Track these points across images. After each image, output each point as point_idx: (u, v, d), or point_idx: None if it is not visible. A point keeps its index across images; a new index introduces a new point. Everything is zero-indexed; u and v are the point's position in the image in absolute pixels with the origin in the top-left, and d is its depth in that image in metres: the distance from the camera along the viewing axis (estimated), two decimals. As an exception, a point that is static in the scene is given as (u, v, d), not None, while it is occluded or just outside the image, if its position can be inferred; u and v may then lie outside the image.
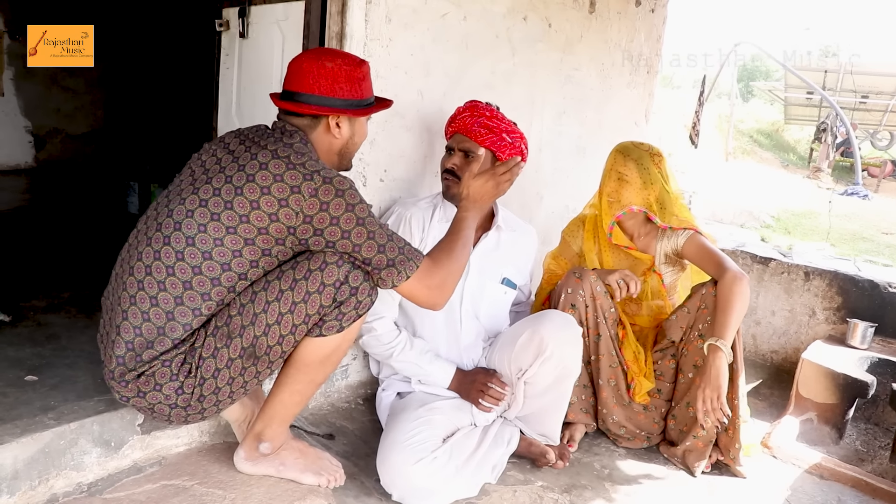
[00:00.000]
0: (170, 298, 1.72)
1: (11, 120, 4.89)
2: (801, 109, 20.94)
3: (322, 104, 1.84)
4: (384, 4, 2.43)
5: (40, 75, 4.99)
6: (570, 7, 3.28)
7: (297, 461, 1.99)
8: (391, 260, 1.76)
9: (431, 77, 2.66)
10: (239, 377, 1.80)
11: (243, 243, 1.71)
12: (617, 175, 2.64)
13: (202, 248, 1.70)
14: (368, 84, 1.93)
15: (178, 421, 1.85)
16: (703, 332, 2.42)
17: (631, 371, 2.50)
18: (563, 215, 3.53)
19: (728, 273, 2.40)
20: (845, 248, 6.69)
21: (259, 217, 1.69)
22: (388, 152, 2.58)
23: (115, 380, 1.76)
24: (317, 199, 1.68)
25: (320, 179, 1.69)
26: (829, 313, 3.67)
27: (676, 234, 2.63)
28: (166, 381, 1.75)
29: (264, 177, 1.69)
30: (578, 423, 2.53)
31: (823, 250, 5.26)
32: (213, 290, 1.73)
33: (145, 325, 1.72)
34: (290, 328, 1.75)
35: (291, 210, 1.68)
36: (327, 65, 1.83)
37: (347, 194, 1.71)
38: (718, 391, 2.26)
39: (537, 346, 2.19)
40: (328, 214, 1.69)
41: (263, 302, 1.74)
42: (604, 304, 2.47)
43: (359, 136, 1.97)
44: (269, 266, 1.77)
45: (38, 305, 2.86)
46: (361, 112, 1.91)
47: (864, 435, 3.10)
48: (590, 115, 3.62)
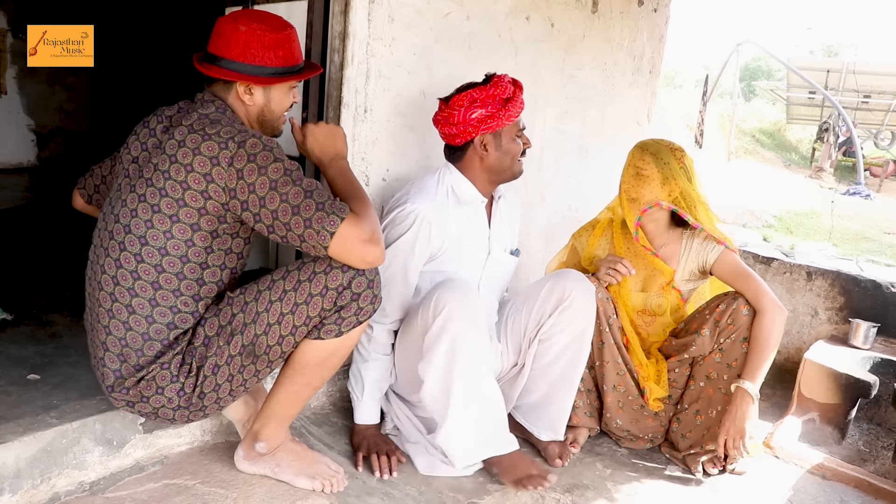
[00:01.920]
0: (144, 302, 1.72)
1: (14, 118, 4.91)
2: (803, 109, 20.95)
3: (231, 69, 1.79)
4: (387, 4, 2.43)
5: (43, 74, 5.00)
6: (572, 7, 3.28)
7: (292, 463, 1.97)
8: (308, 220, 1.63)
9: (434, 77, 2.66)
10: (238, 375, 1.80)
11: (190, 230, 1.69)
12: (635, 170, 2.51)
13: (156, 244, 1.69)
14: (287, 51, 1.84)
15: (181, 421, 1.86)
16: (724, 347, 2.39)
17: (640, 377, 2.47)
18: (565, 215, 3.53)
19: (769, 305, 2.33)
20: (847, 248, 6.68)
21: (193, 197, 1.67)
22: (390, 151, 2.58)
23: (115, 392, 1.78)
24: (233, 167, 1.64)
25: (235, 146, 1.65)
26: (831, 313, 3.67)
27: (706, 248, 2.52)
28: (167, 383, 1.76)
29: (185, 154, 1.66)
30: (582, 426, 2.51)
31: (826, 250, 5.25)
32: (182, 285, 1.73)
33: (129, 335, 1.73)
34: (290, 329, 1.75)
35: (217, 185, 1.65)
36: (241, 28, 1.78)
37: (260, 157, 1.64)
38: (742, 434, 2.25)
39: (559, 294, 2.25)
40: (245, 183, 1.64)
41: (266, 301, 1.74)
42: (607, 310, 2.42)
43: (276, 105, 1.90)
44: (224, 247, 1.76)
45: (40, 304, 2.86)
46: (269, 80, 1.83)
47: (866, 435, 3.10)
48: (592, 115, 3.61)
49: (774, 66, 30.74)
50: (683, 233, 2.56)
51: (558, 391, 2.37)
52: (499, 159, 2.30)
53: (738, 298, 2.39)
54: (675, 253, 2.55)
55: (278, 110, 1.92)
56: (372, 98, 2.47)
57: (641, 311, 2.59)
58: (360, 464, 2.13)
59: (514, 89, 2.28)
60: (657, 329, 2.60)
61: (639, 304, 2.57)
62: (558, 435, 2.39)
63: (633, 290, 2.56)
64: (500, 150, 2.29)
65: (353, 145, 2.46)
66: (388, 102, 2.52)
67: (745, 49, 18.52)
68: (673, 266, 2.54)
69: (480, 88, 2.25)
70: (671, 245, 2.56)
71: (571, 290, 2.24)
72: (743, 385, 2.28)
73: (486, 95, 2.23)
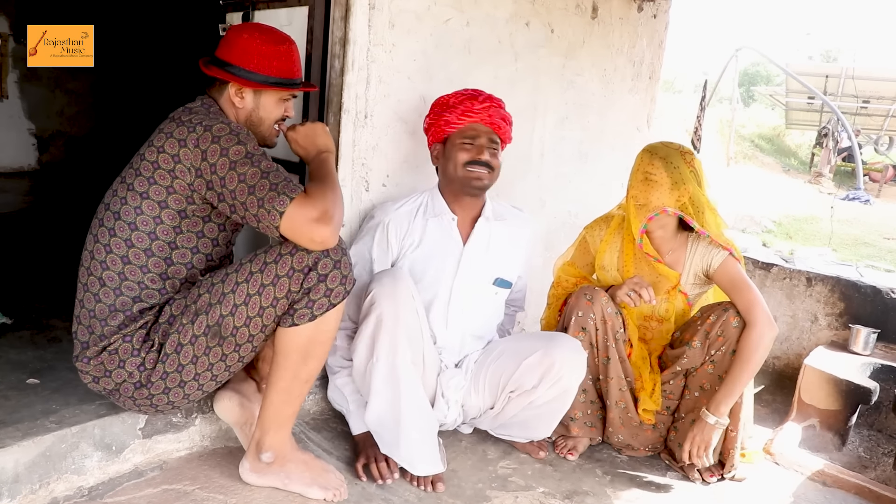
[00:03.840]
0: (114, 276, 1.80)
1: (15, 122, 4.92)
2: (802, 114, 20.92)
3: (226, 70, 1.90)
4: (387, 10, 2.43)
5: (44, 78, 5.01)
6: (572, 13, 3.29)
7: (302, 474, 1.97)
8: (261, 199, 1.68)
9: (434, 82, 2.66)
10: (203, 357, 1.81)
11: (158, 208, 1.78)
12: (643, 175, 2.45)
13: (127, 219, 1.78)
14: (282, 63, 1.93)
15: (144, 405, 1.88)
16: (716, 359, 2.38)
17: (636, 388, 2.46)
18: (565, 221, 3.53)
19: (759, 319, 2.30)
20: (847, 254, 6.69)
21: (161, 176, 1.76)
22: (390, 157, 2.58)
23: (79, 360, 1.84)
24: (198, 148, 1.73)
25: (202, 129, 1.75)
26: (831, 319, 3.67)
27: (711, 252, 2.48)
28: (128, 356, 1.80)
29: (160, 138, 1.78)
30: (582, 437, 2.51)
31: (825, 256, 5.26)
32: (150, 262, 1.80)
33: (98, 306, 1.80)
34: (256, 310, 1.77)
35: (183, 166, 1.74)
36: (244, 35, 1.90)
37: (224, 139, 1.74)
38: (707, 444, 2.30)
39: (547, 366, 2.21)
40: (207, 163, 1.73)
41: (233, 283, 1.78)
42: (615, 325, 2.40)
43: (265, 112, 1.97)
44: (195, 229, 1.83)
45: (40, 308, 2.86)
46: (259, 85, 1.92)
47: (867, 441, 3.10)
48: (592, 121, 3.62)
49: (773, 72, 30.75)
50: (689, 236, 2.54)
51: (535, 430, 2.41)
52: (444, 167, 2.36)
53: (728, 310, 2.37)
54: (681, 257, 2.53)
55: (266, 118, 1.99)
56: (372, 103, 2.47)
57: (648, 317, 2.58)
58: (362, 474, 2.12)
59: (463, 98, 2.32)
60: (662, 334, 2.59)
61: (646, 308, 2.56)
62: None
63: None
64: (445, 157, 2.36)
65: (353, 151, 2.47)
66: (388, 108, 2.53)
67: (744, 54, 18.51)
68: (679, 270, 2.52)
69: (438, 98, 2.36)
70: (678, 250, 2.54)
71: (561, 364, 2.21)
72: (704, 417, 2.31)
73: (434, 103, 2.35)
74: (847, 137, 16.01)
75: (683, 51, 38.82)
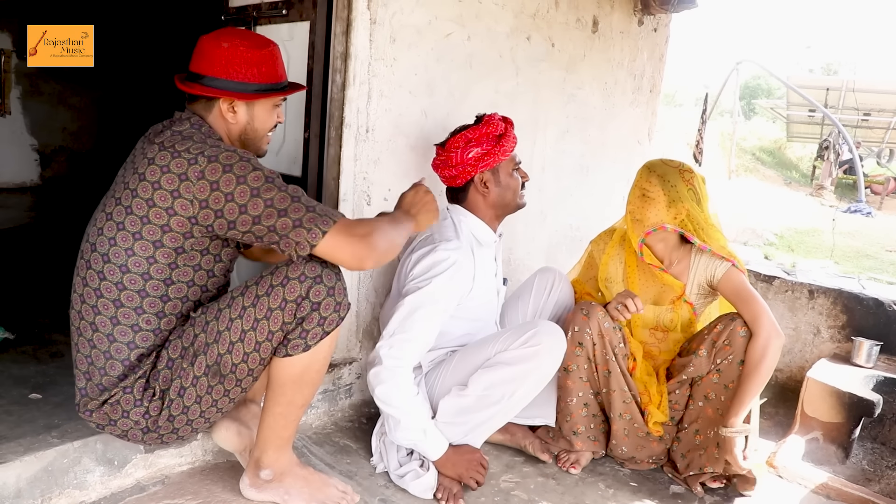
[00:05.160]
0: (106, 321, 1.72)
1: (18, 138, 4.93)
2: (803, 127, 20.99)
3: (212, 85, 1.77)
4: (388, 25, 2.45)
5: (46, 94, 5.03)
6: (573, 27, 3.31)
7: (301, 490, 1.95)
8: (297, 220, 1.63)
9: (435, 96, 2.68)
10: (207, 395, 1.79)
11: (153, 248, 1.68)
12: (640, 192, 2.48)
13: (117, 262, 1.68)
14: (269, 68, 1.83)
15: (153, 443, 1.87)
16: (722, 368, 2.38)
17: (643, 401, 2.46)
18: (566, 234, 3.54)
19: (765, 329, 2.30)
20: (849, 266, 6.67)
21: (157, 214, 1.65)
22: (391, 171, 2.59)
23: (81, 411, 1.79)
24: (205, 180, 1.62)
25: (205, 160, 1.63)
26: (833, 331, 3.66)
27: (714, 263, 2.49)
28: (131, 406, 1.76)
29: (153, 172, 1.64)
30: (585, 451, 2.50)
31: (827, 268, 5.24)
32: (145, 302, 1.72)
33: (94, 353, 1.74)
34: (253, 345, 1.73)
35: (185, 199, 1.63)
36: (223, 45, 1.77)
37: (237, 167, 1.63)
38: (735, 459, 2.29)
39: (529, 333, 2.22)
40: (221, 193, 1.62)
41: (227, 319, 1.73)
42: (613, 339, 2.40)
43: (260, 123, 1.88)
44: (191, 263, 1.74)
45: (42, 323, 2.86)
46: (253, 96, 1.82)
47: (870, 454, 3.08)
48: (593, 134, 3.63)
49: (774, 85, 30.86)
50: (693, 248, 2.55)
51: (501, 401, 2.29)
52: (500, 195, 2.36)
53: (735, 319, 2.38)
54: (686, 268, 2.55)
55: (262, 128, 1.90)
56: (374, 118, 2.49)
57: (654, 328, 2.59)
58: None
59: (506, 126, 2.34)
60: (669, 346, 2.59)
61: (651, 319, 2.56)
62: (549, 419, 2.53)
63: (646, 303, 2.56)
64: (500, 185, 2.35)
65: (354, 165, 2.48)
66: (389, 122, 2.54)
67: (744, 67, 18.59)
68: (683, 280, 2.53)
69: (473, 128, 2.31)
70: (682, 261, 2.55)
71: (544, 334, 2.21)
72: (723, 433, 2.29)
73: (479, 134, 2.30)
74: (848, 150, 16.04)
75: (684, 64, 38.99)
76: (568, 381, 2.45)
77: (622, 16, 3.63)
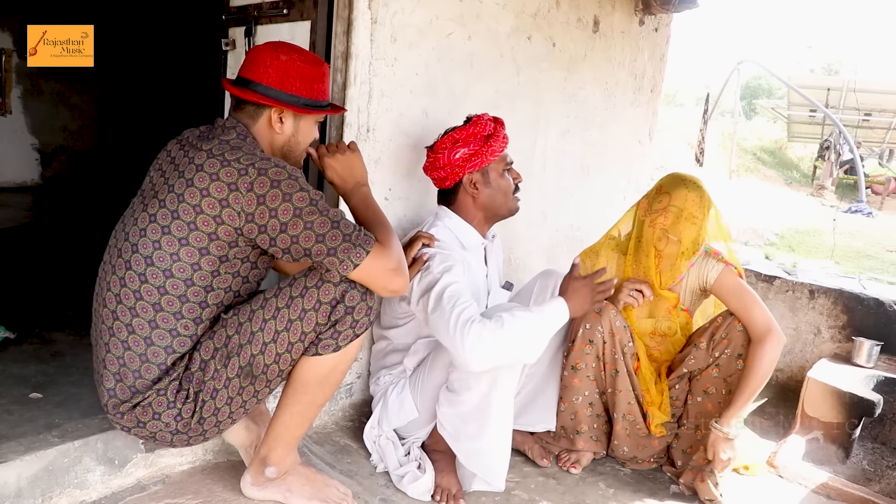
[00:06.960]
0: (144, 323, 1.70)
1: (18, 138, 4.94)
2: (804, 127, 20.97)
3: (267, 94, 1.79)
4: (389, 24, 2.45)
5: (47, 93, 5.04)
6: (574, 27, 3.31)
7: (303, 488, 1.96)
8: (332, 249, 1.66)
9: (436, 96, 2.68)
10: (238, 397, 1.79)
11: (199, 254, 1.68)
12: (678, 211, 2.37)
13: (161, 266, 1.67)
14: (322, 86, 1.87)
15: (180, 445, 1.85)
16: (721, 363, 2.39)
17: (645, 402, 2.46)
18: (566, 234, 3.54)
19: (763, 328, 2.30)
20: (850, 266, 6.66)
21: (205, 221, 1.65)
22: (392, 171, 2.59)
23: (110, 413, 1.77)
24: (253, 193, 1.63)
25: (255, 172, 1.63)
26: (834, 331, 3.66)
27: (707, 265, 2.48)
28: (164, 409, 1.74)
29: (201, 178, 1.64)
30: (586, 451, 2.51)
31: (828, 268, 5.24)
32: (184, 308, 1.71)
33: (127, 354, 1.72)
34: (286, 346, 1.74)
35: (233, 210, 1.64)
36: (281, 57, 1.79)
37: (284, 184, 1.64)
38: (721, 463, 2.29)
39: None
40: (266, 208, 1.63)
41: (261, 320, 1.73)
42: (623, 338, 2.40)
43: (303, 137, 1.90)
44: (232, 270, 1.74)
45: (43, 322, 2.86)
46: (306, 111, 1.85)
47: (871, 454, 3.08)
48: (594, 134, 3.63)
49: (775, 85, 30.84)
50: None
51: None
52: (490, 196, 2.34)
53: (734, 317, 2.39)
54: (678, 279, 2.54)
55: (304, 142, 1.92)
56: (374, 117, 2.48)
57: (652, 333, 2.58)
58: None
59: (495, 126, 2.33)
60: (669, 347, 2.60)
61: (648, 328, 2.56)
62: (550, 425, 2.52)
63: (641, 318, 2.55)
64: (490, 186, 2.33)
65: (355, 164, 2.47)
66: (390, 122, 2.54)
67: (745, 67, 18.59)
68: (677, 291, 2.53)
69: (461, 129, 2.31)
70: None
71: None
72: (712, 427, 2.29)
73: (467, 135, 2.29)
74: (849, 150, 16.04)
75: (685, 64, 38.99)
76: (574, 380, 2.45)
77: (623, 15, 3.63)
